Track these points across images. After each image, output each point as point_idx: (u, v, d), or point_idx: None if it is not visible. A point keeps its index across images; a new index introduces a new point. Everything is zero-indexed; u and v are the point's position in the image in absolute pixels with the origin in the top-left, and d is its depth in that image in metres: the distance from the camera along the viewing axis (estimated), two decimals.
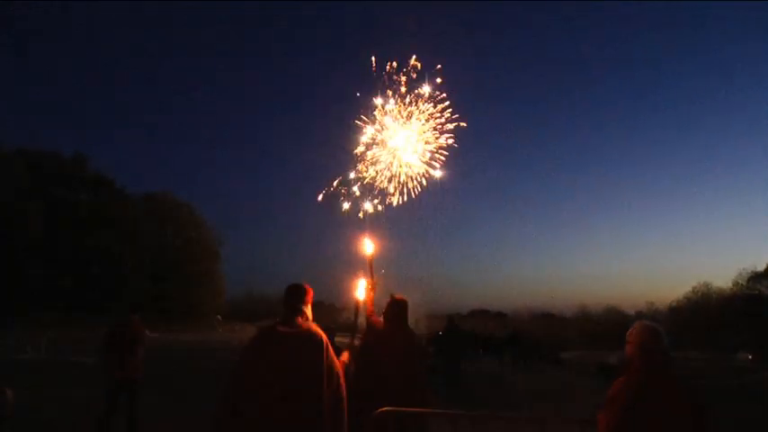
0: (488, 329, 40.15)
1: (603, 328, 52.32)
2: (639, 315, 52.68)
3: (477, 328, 35.38)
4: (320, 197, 6.79)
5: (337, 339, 6.69)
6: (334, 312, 58.88)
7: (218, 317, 48.52)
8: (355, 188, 6.89)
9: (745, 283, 49.95)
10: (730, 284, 51.07)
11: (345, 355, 3.91)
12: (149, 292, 40.86)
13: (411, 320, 4.52)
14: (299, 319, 3.42)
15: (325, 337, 3.40)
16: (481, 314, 63.56)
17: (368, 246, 5.01)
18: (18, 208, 36.78)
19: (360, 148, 6.95)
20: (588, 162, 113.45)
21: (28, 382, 11.24)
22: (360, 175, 7.02)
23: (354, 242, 5.22)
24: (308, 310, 3.53)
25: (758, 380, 22.35)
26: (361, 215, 6.64)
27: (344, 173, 6.95)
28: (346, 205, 6.77)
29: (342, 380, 3.38)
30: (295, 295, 3.53)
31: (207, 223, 51.71)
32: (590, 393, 15.81)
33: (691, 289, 54.00)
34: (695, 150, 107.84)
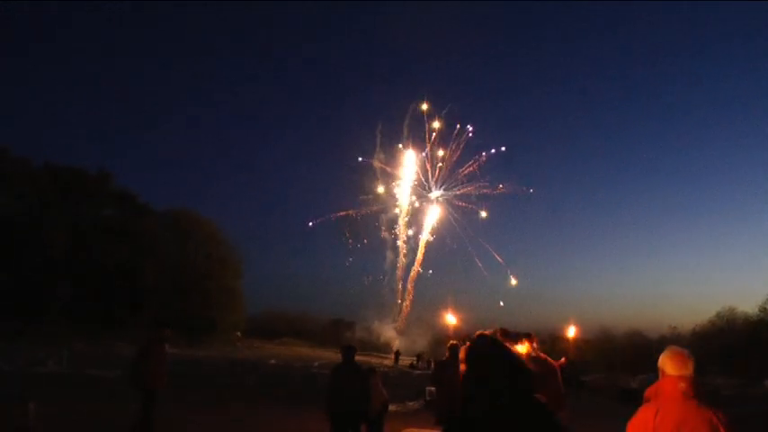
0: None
1: (625, 351, 51.36)
2: (662, 339, 51.47)
3: None
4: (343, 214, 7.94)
5: None
6: (349, 329, 58.76)
7: (238, 333, 48.67)
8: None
9: None
10: (756, 309, 49.67)
11: (564, 360, 6.05)
12: (170, 307, 41.13)
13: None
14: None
15: (549, 359, 5.83)
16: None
17: (451, 318, 6.84)
18: (44, 223, 37.53)
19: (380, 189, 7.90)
20: (612, 185, 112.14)
21: (49, 395, 11.35)
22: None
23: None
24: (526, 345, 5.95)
25: None
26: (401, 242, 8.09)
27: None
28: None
29: (559, 381, 5.65)
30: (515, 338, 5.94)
31: (229, 240, 52.05)
32: (611, 417, 15.48)
33: (715, 314, 52.59)
34: (721, 173, 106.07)
